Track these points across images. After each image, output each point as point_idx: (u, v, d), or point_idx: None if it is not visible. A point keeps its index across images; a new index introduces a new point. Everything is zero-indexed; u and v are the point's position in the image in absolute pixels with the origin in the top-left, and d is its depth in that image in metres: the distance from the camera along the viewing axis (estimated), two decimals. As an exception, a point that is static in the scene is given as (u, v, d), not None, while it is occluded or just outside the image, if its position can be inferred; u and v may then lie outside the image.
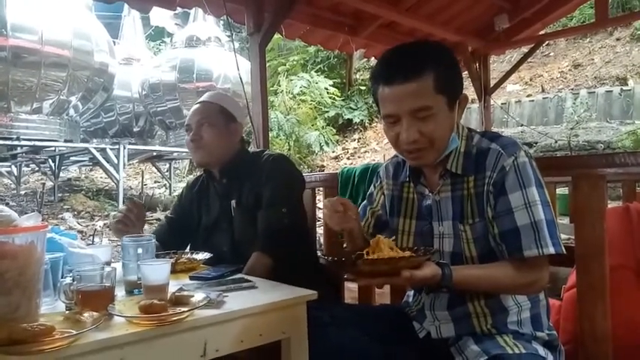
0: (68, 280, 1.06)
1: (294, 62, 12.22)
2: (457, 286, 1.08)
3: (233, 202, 1.77)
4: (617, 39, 10.88)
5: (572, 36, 10.82)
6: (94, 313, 0.91)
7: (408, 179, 1.30)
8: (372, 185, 1.46)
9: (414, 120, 1.12)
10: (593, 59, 10.84)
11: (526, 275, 1.09)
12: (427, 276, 1.02)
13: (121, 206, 1.69)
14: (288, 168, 1.80)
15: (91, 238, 6.28)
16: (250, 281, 1.27)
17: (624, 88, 9.17)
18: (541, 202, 1.09)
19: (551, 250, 1.06)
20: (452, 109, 1.15)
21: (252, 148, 1.94)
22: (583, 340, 1.30)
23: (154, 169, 12.07)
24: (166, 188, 11.09)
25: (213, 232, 1.81)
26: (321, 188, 2.45)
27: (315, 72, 11.85)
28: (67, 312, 0.98)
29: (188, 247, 1.89)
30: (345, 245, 1.36)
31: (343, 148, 11.34)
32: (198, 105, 1.83)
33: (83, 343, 0.84)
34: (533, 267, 1.09)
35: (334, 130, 11.41)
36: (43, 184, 9.67)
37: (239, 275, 1.39)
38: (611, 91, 9.17)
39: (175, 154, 10.74)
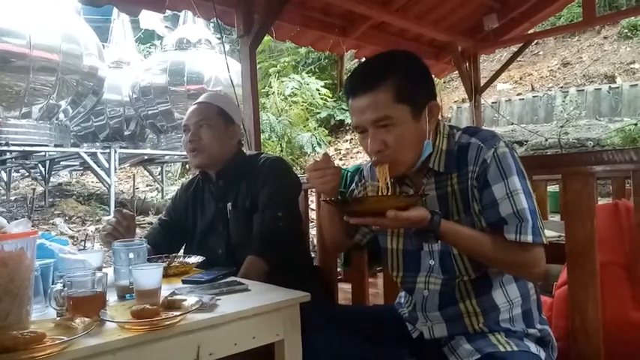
0: (59, 286, 1.05)
1: (285, 64, 12.22)
2: (443, 236, 1.09)
3: (229, 205, 1.76)
4: (605, 37, 11.00)
5: (561, 34, 10.92)
6: (86, 319, 0.91)
7: (392, 180, 1.30)
8: (354, 183, 1.45)
9: (378, 130, 1.14)
10: (581, 57, 10.95)
11: (513, 253, 1.08)
12: (413, 218, 1.04)
13: (111, 218, 1.66)
14: (286, 171, 1.80)
15: (83, 243, 6.24)
16: (243, 284, 1.27)
17: (612, 85, 9.27)
18: (523, 192, 1.09)
19: (529, 238, 1.06)
20: (418, 118, 1.15)
21: (245, 150, 1.93)
22: (575, 336, 1.31)
23: (145, 172, 12.01)
24: (158, 192, 11.04)
25: (208, 235, 1.80)
26: (313, 189, 2.45)
27: (307, 73, 11.86)
28: (58, 318, 0.97)
29: (182, 250, 1.88)
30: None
31: (335, 149, 11.35)
32: (196, 105, 1.82)
33: (75, 349, 0.83)
34: (522, 248, 1.08)
35: (326, 132, 11.43)
36: (34, 189, 9.59)
37: (232, 278, 1.38)
38: (600, 88, 9.27)
39: (167, 157, 10.69)
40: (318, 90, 11.31)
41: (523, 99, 10.02)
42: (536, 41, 10.09)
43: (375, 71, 1.16)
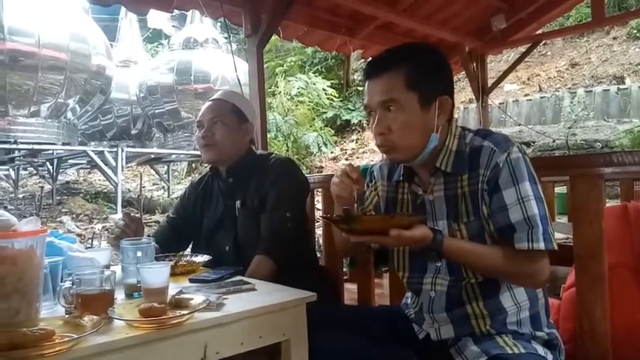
0: (68, 284, 1.06)
1: (292, 63, 12.23)
2: (446, 253, 1.10)
3: (238, 203, 1.77)
4: (614, 38, 10.91)
5: (569, 35, 10.84)
6: (94, 317, 0.91)
7: (401, 178, 1.30)
8: (365, 185, 1.45)
9: (385, 114, 1.17)
10: (590, 58, 10.87)
11: (520, 265, 1.09)
12: (416, 237, 1.05)
13: (119, 221, 1.68)
14: (295, 173, 1.82)
15: (90, 241, 6.27)
16: (250, 283, 1.28)
17: (621, 86, 9.19)
18: (534, 198, 1.09)
19: (542, 245, 1.06)
20: (426, 108, 1.16)
21: (254, 149, 1.95)
22: (582, 339, 1.31)
23: (152, 171, 12.06)
24: (165, 190, 11.08)
25: (215, 231, 1.82)
26: (319, 189, 2.45)
27: (313, 73, 11.85)
28: (67, 316, 0.98)
29: (190, 247, 1.89)
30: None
31: (341, 149, 11.34)
32: (211, 102, 1.83)
33: (83, 347, 0.84)
34: (529, 259, 1.08)
35: (332, 131, 11.42)
36: (42, 187, 9.66)
37: (238, 277, 1.39)
38: (609, 89, 9.20)
39: (174, 156, 10.73)
40: (325, 90, 11.30)
41: (531, 100, 9.96)
42: (544, 42, 10.03)
43: (392, 57, 1.19)
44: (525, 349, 1.11)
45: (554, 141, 8.13)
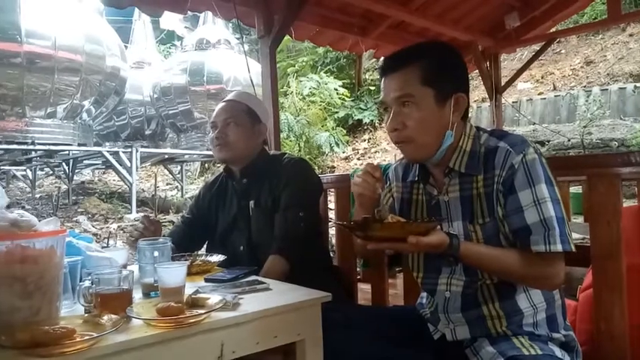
0: (87, 283, 1.08)
1: (304, 63, 12.24)
2: (463, 258, 1.11)
3: (251, 203, 1.79)
4: (630, 35, 10.73)
5: (584, 33, 10.69)
6: (113, 316, 0.93)
7: (417, 178, 1.30)
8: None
9: (400, 109, 1.17)
10: (605, 56, 10.70)
11: (537, 268, 1.08)
12: (433, 243, 1.04)
13: (138, 223, 1.70)
14: (308, 173, 1.83)
15: (106, 240, 6.35)
16: (265, 283, 1.28)
17: (638, 84, 9.03)
18: (551, 200, 1.08)
19: (559, 247, 1.05)
20: (441, 104, 1.16)
21: (267, 150, 1.96)
22: (600, 341, 1.29)
23: (165, 171, 12.17)
24: (178, 190, 11.17)
25: (229, 232, 1.83)
26: (332, 189, 2.46)
27: (325, 73, 11.85)
28: (87, 315, 1.00)
29: (204, 247, 1.91)
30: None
31: (353, 149, 11.33)
32: (225, 103, 1.85)
33: (103, 345, 0.85)
34: (546, 261, 1.08)
35: (344, 131, 11.40)
36: (58, 187, 9.80)
37: (253, 277, 1.40)
38: (625, 87, 9.05)
39: (187, 156, 10.82)
40: (336, 89, 11.29)
41: (545, 98, 9.84)
42: (558, 40, 9.91)
43: (407, 54, 1.20)
44: (542, 350, 1.10)
45: (569, 140, 8.03)
